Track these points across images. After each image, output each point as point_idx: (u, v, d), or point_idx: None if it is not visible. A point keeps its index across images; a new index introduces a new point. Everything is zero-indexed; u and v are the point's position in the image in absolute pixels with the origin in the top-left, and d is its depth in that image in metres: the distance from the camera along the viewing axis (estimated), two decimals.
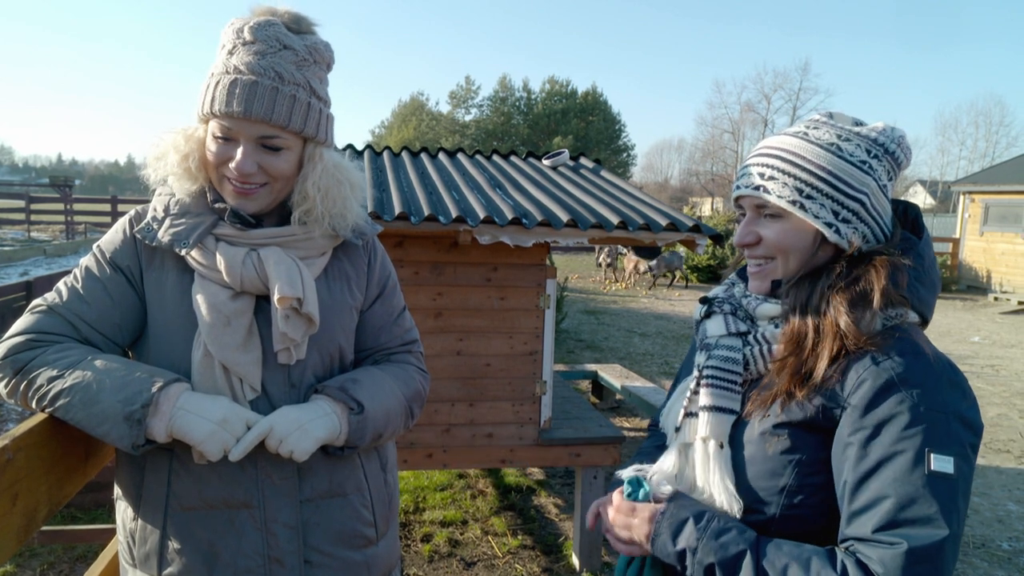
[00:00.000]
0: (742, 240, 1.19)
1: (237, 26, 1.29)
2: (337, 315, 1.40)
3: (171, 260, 1.33)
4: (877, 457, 0.99)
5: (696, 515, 1.09)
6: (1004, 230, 17.26)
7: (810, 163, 1.12)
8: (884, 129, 1.14)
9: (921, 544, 0.93)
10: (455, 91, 51.10)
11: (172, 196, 1.36)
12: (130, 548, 1.33)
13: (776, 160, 1.15)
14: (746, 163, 1.20)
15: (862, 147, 1.12)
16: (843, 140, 1.12)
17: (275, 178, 1.32)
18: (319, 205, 1.34)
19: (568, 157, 4.98)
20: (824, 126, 1.15)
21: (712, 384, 1.17)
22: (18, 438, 1.12)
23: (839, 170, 1.10)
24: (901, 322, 1.08)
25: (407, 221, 3.21)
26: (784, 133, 1.19)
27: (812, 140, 1.13)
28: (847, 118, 1.17)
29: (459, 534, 4.16)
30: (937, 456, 0.97)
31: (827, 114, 1.18)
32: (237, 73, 1.26)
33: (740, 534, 1.06)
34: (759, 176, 1.15)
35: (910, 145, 1.16)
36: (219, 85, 1.26)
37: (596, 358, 8.94)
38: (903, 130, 1.15)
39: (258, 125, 1.27)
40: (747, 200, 1.19)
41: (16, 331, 1.27)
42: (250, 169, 1.28)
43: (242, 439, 1.22)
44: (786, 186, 1.12)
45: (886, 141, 1.13)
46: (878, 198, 1.12)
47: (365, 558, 1.42)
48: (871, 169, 1.11)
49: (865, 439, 1.01)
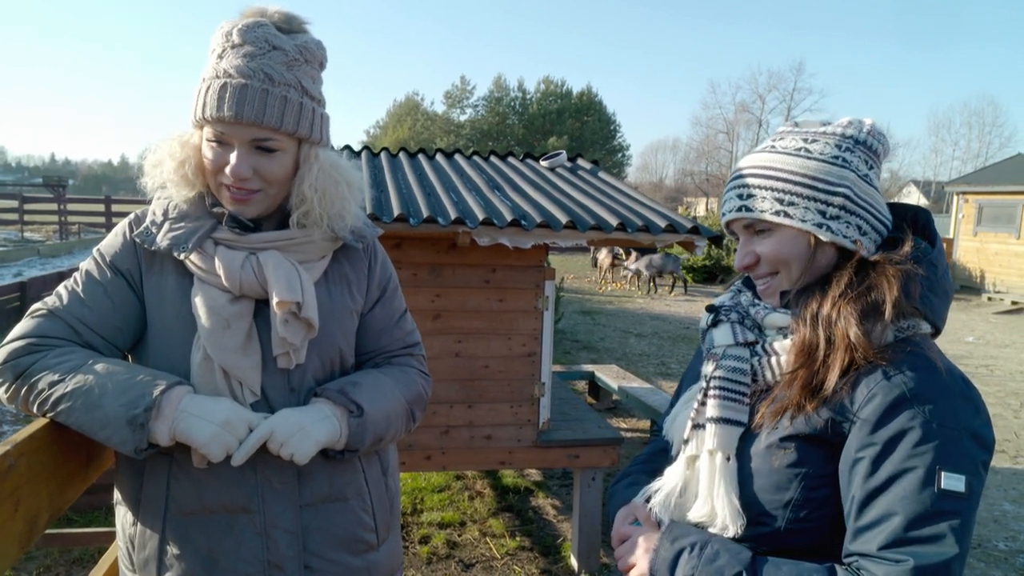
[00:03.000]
0: (741, 263, 1.19)
1: (226, 29, 1.28)
2: (337, 319, 1.39)
3: (170, 264, 1.32)
4: (887, 474, 0.98)
5: (690, 545, 1.09)
6: (997, 230, 17.34)
7: (782, 171, 1.13)
8: (850, 123, 1.15)
9: (929, 563, 0.92)
10: (450, 91, 51.07)
11: (171, 200, 1.35)
12: (129, 553, 1.33)
13: (751, 178, 1.16)
14: (726, 189, 1.22)
15: (831, 144, 1.13)
16: (810, 143, 1.14)
17: (270, 182, 1.31)
18: (317, 206, 1.33)
19: (566, 158, 4.98)
20: (789, 135, 1.17)
21: (720, 395, 1.15)
22: (19, 444, 1.11)
23: (812, 171, 1.11)
24: (913, 334, 1.07)
25: (406, 223, 3.21)
26: (754, 152, 1.20)
27: (780, 150, 1.15)
28: (813, 122, 1.18)
29: (457, 536, 4.16)
30: (948, 474, 0.95)
31: (792, 124, 1.20)
32: (227, 77, 1.24)
33: (734, 556, 1.04)
34: (739, 197, 1.17)
35: (883, 132, 1.16)
36: (210, 90, 1.25)
37: (593, 359, 8.95)
38: (871, 119, 1.16)
39: (250, 128, 1.26)
40: (736, 223, 1.20)
41: (16, 335, 1.26)
42: (245, 173, 1.27)
43: (244, 443, 1.21)
44: (765, 199, 1.13)
45: (854, 133, 1.14)
46: (861, 187, 1.12)
47: (366, 564, 1.41)
48: (845, 162, 1.11)
49: (875, 455, 0.99)
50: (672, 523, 1.17)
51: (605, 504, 4.19)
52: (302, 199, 1.33)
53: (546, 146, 42.67)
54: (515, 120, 49.57)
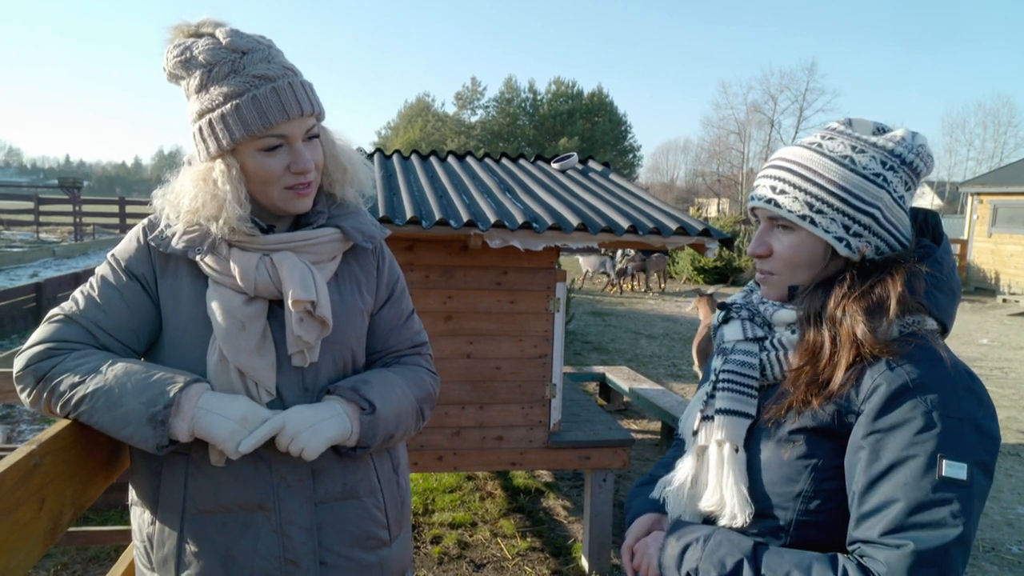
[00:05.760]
0: (754, 251, 1.21)
1: (209, 51, 1.25)
2: (349, 319, 1.41)
3: (185, 266, 1.34)
4: (888, 461, 1.00)
5: (695, 540, 1.12)
6: (1013, 231, 17.17)
7: (821, 177, 1.12)
8: (902, 139, 1.13)
9: (928, 546, 0.94)
10: (461, 92, 51.03)
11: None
12: (147, 553, 1.35)
13: (788, 173, 1.15)
14: (761, 174, 1.21)
15: (877, 159, 1.11)
16: (857, 152, 1.12)
17: (318, 168, 1.36)
18: (351, 172, 1.42)
19: (577, 160, 4.99)
20: (840, 136, 1.15)
21: (728, 388, 1.18)
22: (45, 443, 1.13)
23: (851, 184, 1.10)
24: (918, 329, 1.08)
25: (418, 225, 3.23)
26: (799, 144, 1.19)
27: (826, 153, 1.14)
28: (867, 125, 1.16)
29: (468, 536, 4.17)
30: (949, 462, 0.97)
31: (846, 122, 1.18)
32: (268, 82, 1.25)
33: (735, 545, 1.07)
34: (771, 189, 1.16)
35: (931, 152, 1.15)
36: (255, 100, 1.24)
37: (603, 360, 8.94)
38: (924, 138, 1.14)
39: (308, 119, 1.30)
40: (760, 211, 1.20)
41: (35, 341, 1.28)
42: (310, 165, 1.31)
43: (254, 432, 1.23)
44: (796, 200, 1.13)
45: (903, 152, 1.12)
46: (892, 211, 1.12)
47: (379, 559, 1.43)
48: (885, 182, 1.11)
49: (877, 443, 1.01)
50: (677, 521, 1.20)
51: (616, 506, 4.20)
52: (342, 170, 1.41)
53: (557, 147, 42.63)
54: (526, 121, 49.50)
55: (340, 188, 1.44)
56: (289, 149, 1.30)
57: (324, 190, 1.43)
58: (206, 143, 1.28)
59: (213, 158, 1.29)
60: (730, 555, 1.06)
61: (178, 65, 1.28)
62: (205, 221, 1.29)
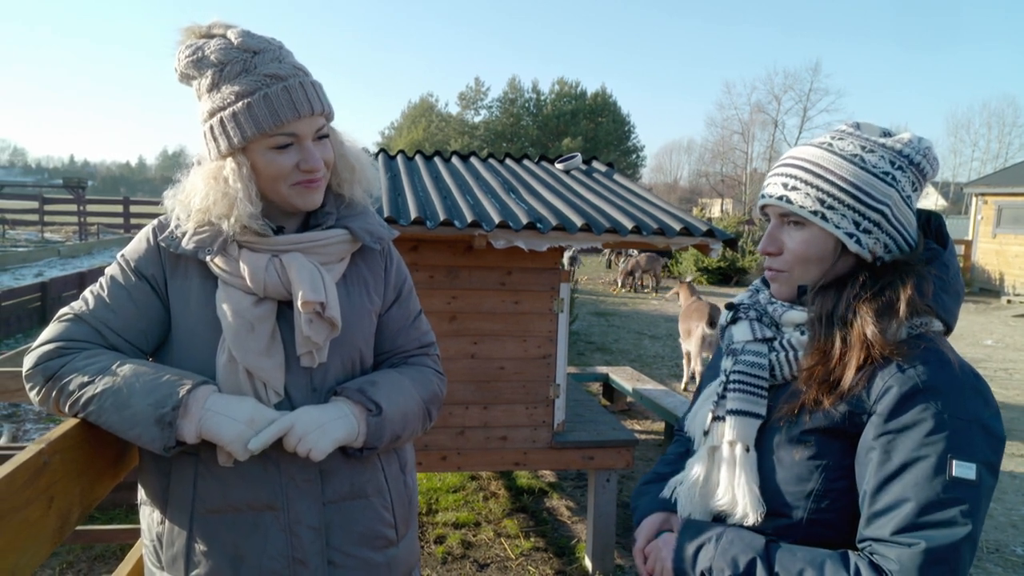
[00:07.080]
0: (765, 248, 1.22)
1: (221, 50, 1.26)
2: (357, 319, 1.42)
3: (195, 267, 1.35)
4: (899, 461, 1.02)
5: (707, 539, 1.14)
6: (1017, 232, 17.13)
7: (832, 174, 1.14)
8: (910, 140, 1.16)
9: (939, 544, 0.96)
10: (464, 92, 51.09)
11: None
12: (157, 552, 1.35)
13: (800, 171, 1.17)
14: (771, 172, 1.23)
15: (886, 159, 1.14)
16: (867, 152, 1.14)
17: (328, 166, 1.36)
18: (359, 171, 1.43)
19: (581, 161, 4.99)
20: (849, 137, 1.17)
21: (739, 389, 1.19)
22: (54, 442, 1.14)
23: (861, 181, 1.12)
24: (926, 331, 1.10)
25: (423, 226, 3.23)
26: (810, 144, 1.21)
27: (836, 151, 1.16)
28: (875, 128, 1.19)
29: (472, 536, 4.18)
30: (959, 463, 0.99)
31: (854, 124, 1.20)
32: (279, 81, 1.26)
33: (747, 543, 1.09)
34: (783, 186, 1.18)
35: (936, 156, 1.17)
36: (267, 99, 1.25)
37: (607, 360, 8.94)
38: (930, 141, 1.17)
39: (317, 119, 1.31)
40: (772, 209, 1.22)
41: (45, 339, 1.29)
42: (319, 163, 1.32)
43: (263, 431, 1.23)
44: (808, 196, 1.14)
45: (911, 153, 1.14)
46: (900, 209, 1.14)
47: (386, 559, 1.44)
48: (894, 180, 1.13)
49: (888, 444, 1.03)
50: (689, 520, 1.21)
51: (620, 506, 4.20)
52: (351, 169, 1.42)
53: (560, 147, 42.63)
54: (529, 121, 49.52)
55: (349, 188, 1.44)
56: (299, 147, 1.30)
57: (333, 190, 1.44)
58: (217, 141, 1.29)
59: (224, 156, 1.30)
60: (743, 553, 1.08)
61: (190, 65, 1.28)
62: (216, 219, 1.29)
